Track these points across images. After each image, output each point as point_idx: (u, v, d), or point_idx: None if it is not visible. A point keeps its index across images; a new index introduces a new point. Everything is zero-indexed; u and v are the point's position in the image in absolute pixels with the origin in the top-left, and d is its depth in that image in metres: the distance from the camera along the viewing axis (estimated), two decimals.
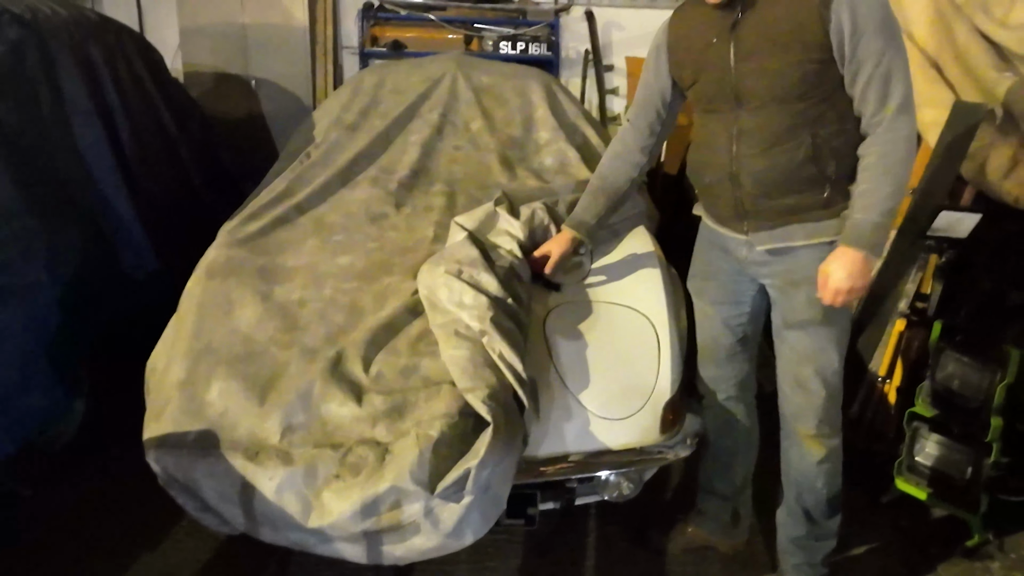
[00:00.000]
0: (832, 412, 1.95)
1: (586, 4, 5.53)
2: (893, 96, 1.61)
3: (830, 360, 1.89)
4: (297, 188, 2.65)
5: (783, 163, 1.73)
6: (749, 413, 2.20)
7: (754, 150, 1.77)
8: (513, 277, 2.04)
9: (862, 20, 1.57)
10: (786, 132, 1.72)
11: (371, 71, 3.44)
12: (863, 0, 1.58)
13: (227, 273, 2.16)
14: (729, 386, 2.14)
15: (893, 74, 1.61)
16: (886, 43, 1.59)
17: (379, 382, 1.82)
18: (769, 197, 1.79)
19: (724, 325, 2.07)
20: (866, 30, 1.58)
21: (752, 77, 1.73)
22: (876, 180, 1.64)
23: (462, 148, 2.97)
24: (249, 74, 5.20)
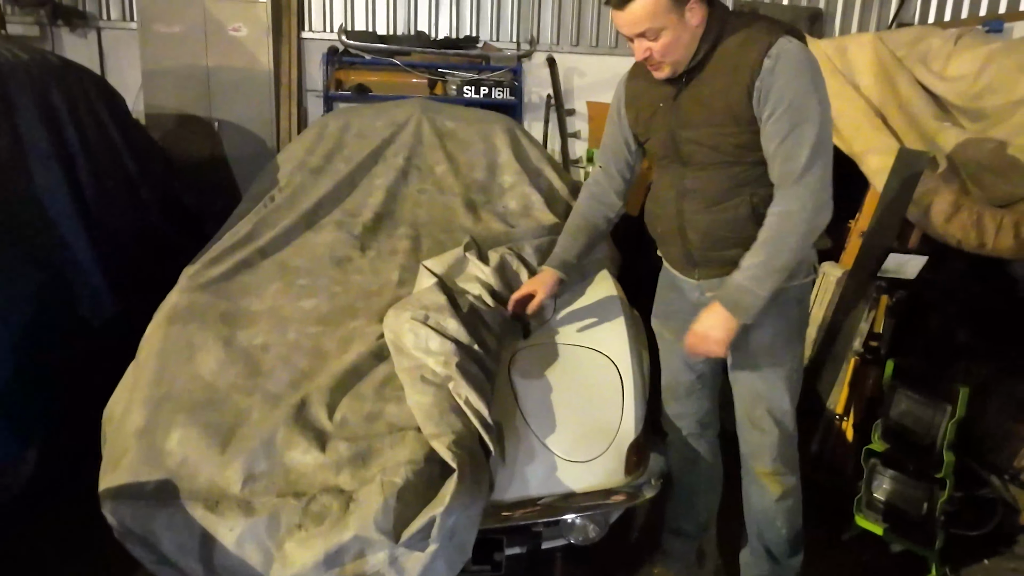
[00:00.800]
0: (786, 450, 2.00)
1: (548, 51, 5.67)
2: (791, 175, 1.68)
3: (781, 400, 1.94)
4: (261, 231, 2.65)
5: (725, 220, 1.83)
6: (712, 450, 2.23)
7: (698, 207, 1.87)
8: (480, 324, 2.06)
9: (774, 99, 1.66)
10: (726, 192, 1.81)
11: (336, 115, 3.48)
12: (781, 80, 1.65)
13: (188, 318, 2.14)
14: (691, 422, 2.18)
15: (795, 154, 1.66)
16: (793, 125, 1.65)
17: (344, 428, 1.81)
18: (714, 249, 1.88)
19: (683, 362, 2.12)
20: (776, 108, 1.66)
21: (691, 144, 1.83)
22: (756, 246, 1.74)
23: (426, 192, 3.00)
24: (212, 116, 5.20)
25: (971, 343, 2.75)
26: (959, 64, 2.62)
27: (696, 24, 1.71)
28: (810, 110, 1.66)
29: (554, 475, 1.92)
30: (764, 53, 1.66)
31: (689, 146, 1.83)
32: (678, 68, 1.77)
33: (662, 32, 1.69)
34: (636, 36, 1.72)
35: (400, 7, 5.70)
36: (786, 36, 1.68)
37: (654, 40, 1.70)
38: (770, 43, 1.66)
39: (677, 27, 1.68)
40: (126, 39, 5.39)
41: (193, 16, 5.07)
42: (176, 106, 5.17)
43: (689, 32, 1.71)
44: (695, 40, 1.73)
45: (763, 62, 1.66)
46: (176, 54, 5.11)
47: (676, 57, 1.74)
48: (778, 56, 1.65)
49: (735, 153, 1.77)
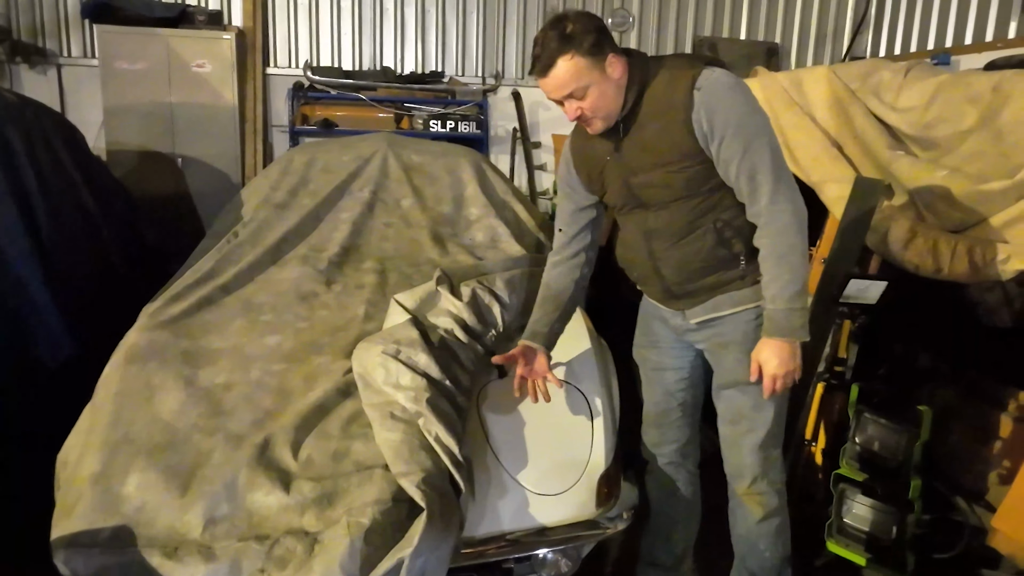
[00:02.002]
0: (768, 470, 2.01)
1: (513, 85, 5.75)
2: (762, 190, 1.74)
3: (764, 418, 1.96)
4: (224, 268, 2.61)
5: (694, 252, 1.87)
6: (690, 480, 2.24)
7: (666, 245, 1.91)
8: (452, 359, 2.04)
9: (719, 126, 1.71)
10: (689, 225, 1.86)
11: (301, 150, 3.47)
12: (718, 107, 1.71)
13: (148, 357, 2.09)
14: (670, 451, 2.19)
15: (758, 169, 1.72)
16: (745, 144, 1.71)
17: (309, 468, 1.77)
18: (691, 281, 1.92)
19: (664, 391, 2.15)
20: (724, 134, 1.72)
21: (645, 188, 1.88)
22: (772, 271, 1.77)
23: (393, 225, 2.99)
24: (176, 153, 5.16)
25: (933, 367, 2.79)
26: (910, 95, 2.71)
27: (618, 76, 1.77)
28: (755, 126, 1.73)
29: (525, 509, 1.90)
30: (692, 87, 1.72)
31: (644, 191, 1.88)
32: (610, 120, 1.82)
33: (588, 90, 1.75)
34: (564, 99, 1.78)
35: (366, 43, 5.74)
36: (707, 67, 1.75)
37: (582, 99, 1.77)
38: (694, 76, 1.72)
39: (601, 83, 1.75)
40: (87, 76, 5.34)
41: (156, 53, 5.05)
42: (139, 143, 5.11)
43: (613, 85, 1.77)
44: (620, 91, 1.79)
45: (693, 95, 1.72)
46: (138, 91, 5.07)
47: (606, 111, 1.80)
48: (705, 86, 1.71)
49: (688, 187, 1.82)
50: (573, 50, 1.71)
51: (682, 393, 2.15)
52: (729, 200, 1.83)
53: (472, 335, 2.16)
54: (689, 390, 2.15)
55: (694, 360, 2.11)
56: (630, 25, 5.87)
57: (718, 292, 1.92)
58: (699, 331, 2.01)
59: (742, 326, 1.91)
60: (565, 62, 1.72)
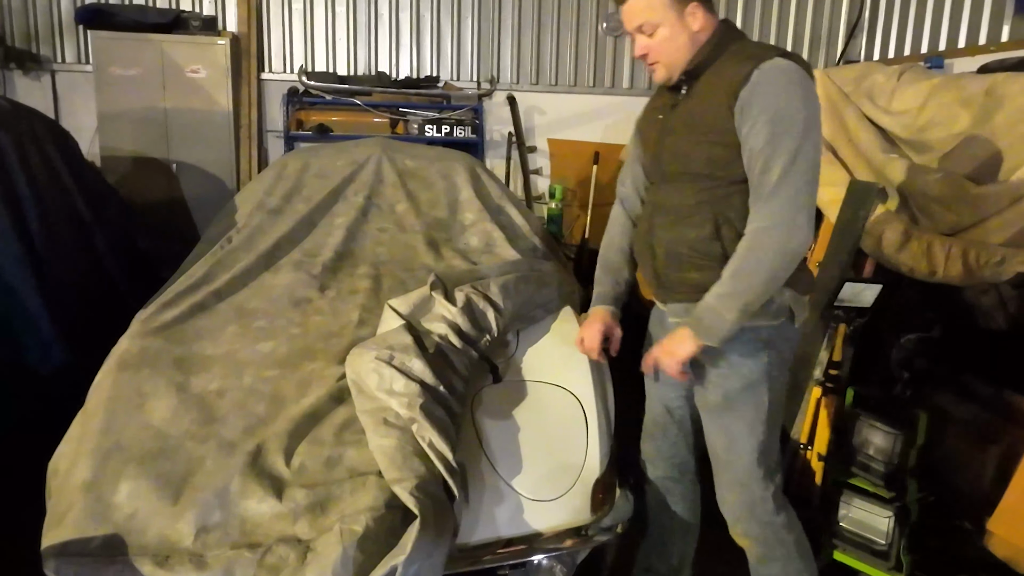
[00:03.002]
0: (754, 508, 1.88)
1: (508, 89, 5.75)
2: (766, 190, 1.63)
3: (738, 455, 1.85)
4: (217, 273, 2.59)
5: (687, 237, 1.79)
6: (686, 495, 2.16)
7: (665, 222, 1.85)
8: (446, 365, 2.02)
9: (756, 108, 1.62)
10: (692, 208, 1.78)
11: (295, 155, 3.46)
12: (766, 91, 1.62)
13: (140, 364, 2.08)
14: (667, 465, 2.13)
15: (773, 165, 1.61)
16: (773, 134, 1.61)
17: (302, 475, 1.75)
18: (677, 269, 1.84)
19: (662, 403, 2.09)
20: (758, 118, 1.62)
21: (669, 152, 1.82)
22: (726, 276, 1.70)
23: (387, 230, 2.98)
24: (170, 158, 5.15)
25: (928, 369, 2.79)
26: (903, 99, 2.72)
27: (696, 30, 1.72)
28: (794, 123, 1.61)
29: (519, 515, 1.88)
30: (755, 67, 1.64)
31: (667, 154, 1.83)
32: (671, 71, 1.77)
33: (659, 28, 1.71)
34: (635, 31, 1.75)
35: (360, 48, 5.74)
36: (781, 56, 1.66)
37: (651, 35, 1.72)
38: (763, 58, 1.65)
39: (675, 26, 1.70)
40: (81, 82, 5.33)
41: (150, 58, 5.04)
42: (133, 148, 5.10)
43: (686, 35, 1.72)
44: (693, 45, 1.73)
45: (752, 74, 1.63)
46: (133, 96, 5.06)
47: (670, 59, 1.75)
48: (765, 68, 1.63)
49: (706, 165, 1.74)
50: None
51: (680, 410, 2.07)
52: (741, 201, 1.72)
53: (466, 340, 2.15)
54: (687, 407, 2.05)
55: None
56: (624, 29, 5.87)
57: (700, 296, 1.78)
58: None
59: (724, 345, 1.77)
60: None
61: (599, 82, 5.95)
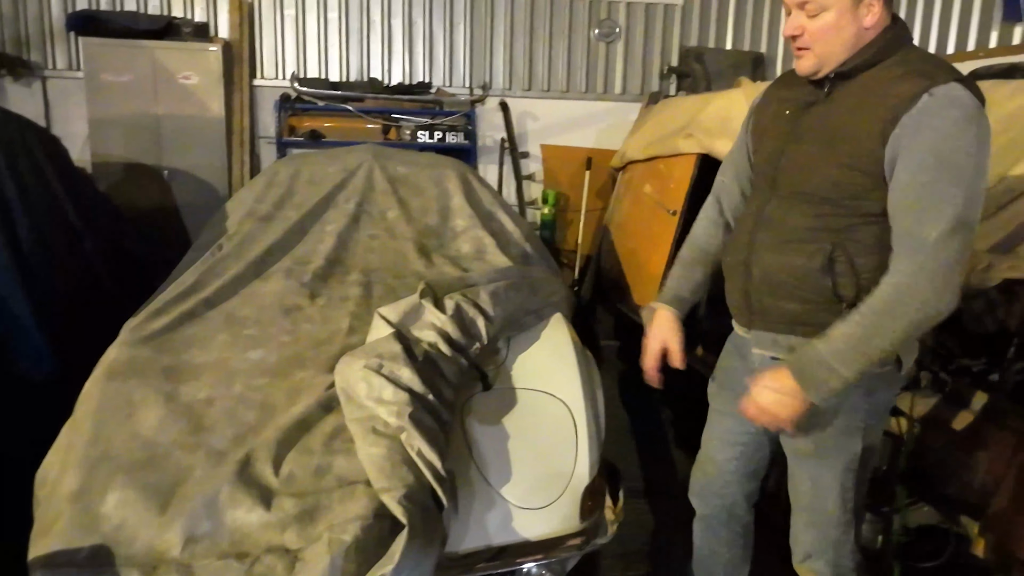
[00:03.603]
0: (827, 550, 1.74)
1: (500, 95, 5.76)
2: (922, 237, 1.39)
3: (822, 500, 1.70)
4: (207, 281, 2.59)
5: (793, 265, 1.57)
6: (733, 542, 2.00)
7: (770, 241, 1.62)
8: (436, 373, 2.02)
9: (921, 143, 1.40)
10: (804, 232, 1.56)
11: (286, 162, 3.46)
12: (936, 124, 1.39)
13: (129, 373, 2.07)
14: (717, 506, 1.96)
15: (928, 214, 1.39)
16: (935, 178, 1.38)
17: (290, 484, 1.75)
18: (774, 296, 1.63)
19: (723, 439, 1.91)
20: (921, 154, 1.40)
21: (792, 161, 1.60)
22: (852, 317, 1.46)
23: (378, 237, 2.98)
24: (162, 165, 5.14)
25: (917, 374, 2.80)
26: None
27: (867, 26, 1.49)
28: (965, 171, 1.38)
29: (508, 523, 1.89)
30: (925, 89, 1.40)
31: (788, 164, 1.61)
32: (824, 64, 1.54)
33: (824, 11, 1.49)
34: (796, 6, 1.52)
35: (353, 54, 5.75)
36: (957, 82, 1.40)
37: (812, 16, 1.50)
38: (935, 82, 1.40)
39: (844, 15, 1.48)
40: (73, 88, 5.32)
41: (142, 65, 5.04)
42: (124, 155, 5.09)
43: (854, 28, 1.49)
44: (857, 41, 1.50)
45: (921, 97, 1.39)
46: (124, 103, 5.05)
47: (826, 48, 1.51)
48: (940, 96, 1.39)
49: (833, 189, 1.52)
50: None
51: (741, 447, 1.86)
52: (867, 235, 1.51)
53: (456, 348, 2.15)
54: (752, 446, 1.86)
55: None
56: (617, 36, 5.90)
57: (799, 330, 1.58)
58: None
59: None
60: None
61: (591, 88, 5.97)
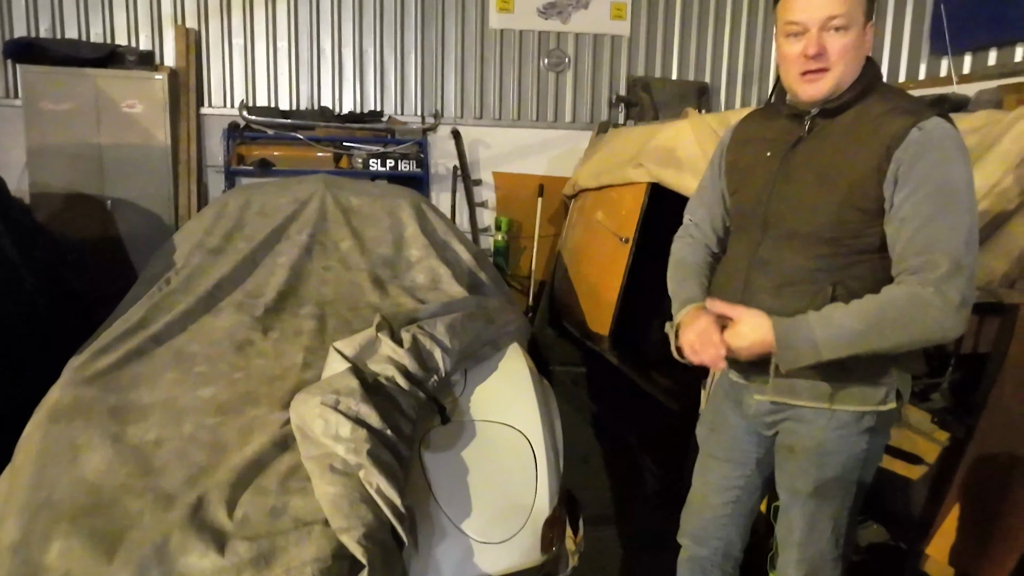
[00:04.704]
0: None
1: (452, 123, 5.80)
2: (932, 270, 1.39)
3: (815, 540, 1.68)
4: (154, 317, 2.53)
5: (795, 307, 1.51)
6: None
7: (768, 284, 1.59)
8: (394, 407, 2.01)
9: (917, 176, 1.41)
10: (804, 274, 1.54)
11: (236, 193, 3.41)
12: (929, 157, 1.41)
13: (72, 415, 2.00)
14: (709, 547, 1.90)
15: (936, 247, 1.39)
16: (935, 211, 1.40)
17: (245, 526, 1.70)
18: None
19: (718, 483, 1.85)
20: (918, 187, 1.41)
21: (786, 203, 1.57)
22: (862, 303, 1.44)
23: (332, 268, 2.96)
24: (105, 195, 5.00)
25: None
26: None
27: (867, 48, 1.50)
28: (964, 199, 1.41)
29: (469, 559, 1.87)
30: (914, 124, 1.43)
31: (782, 205, 1.58)
32: (838, 87, 1.51)
33: (848, 30, 1.46)
34: (824, 20, 1.46)
35: (303, 83, 5.72)
36: (940, 117, 1.45)
37: (840, 30, 1.46)
38: (920, 117, 1.43)
39: (858, 36, 1.48)
40: (11, 116, 5.15)
41: (83, 93, 4.91)
42: (65, 185, 4.94)
43: (863, 51, 1.50)
44: (856, 67, 1.50)
45: (910, 132, 1.42)
46: (65, 131, 4.91)
47: (846, 69, 1.49)
48: (929, 130, 1.42)
49: (830, 227, 1.50)
50: None
51: (738, 491, 1.82)
52: (866, 272, 1.51)
53: (414, 382, 2.14)
54: (747, 489, 1.82)
55: (763, 458, 1.79)
56: (566, 65, 6.01)
57: (802, 373, 1.54)
58: (769, 421, 1.70)
59: (820, 431, 1.57)
60: None
61: (542, 116, 6.05)
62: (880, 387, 1.55)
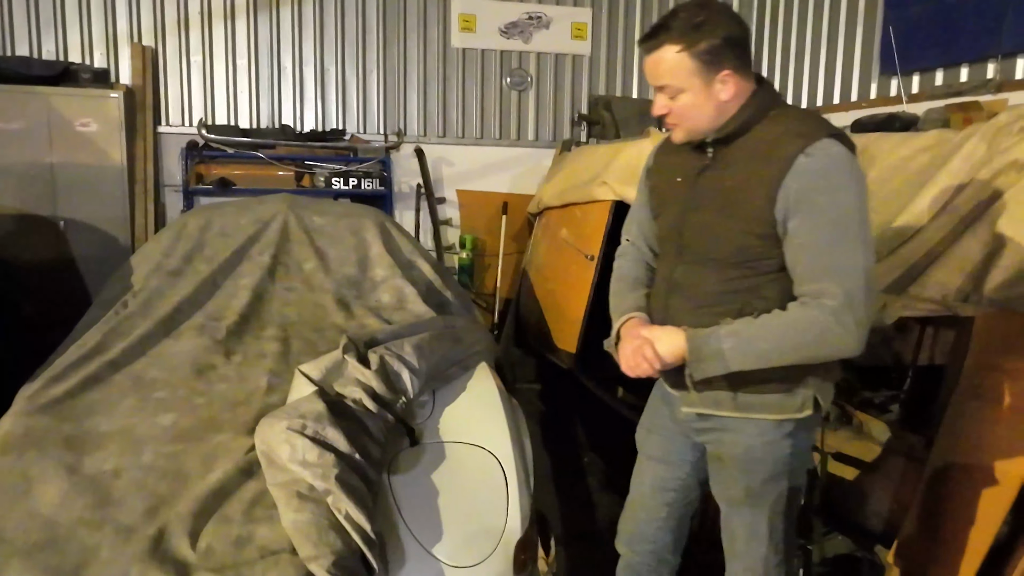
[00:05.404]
0: None
1: (415, 142, 5.79)
2: (831, 296, 1.45)
3: (757, 547, 1.74)
4: (111, 342, 2.46)
5: (711, 327, 1.59)
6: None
7: (684, 306, 1.68)
8: (362, 430, 1.97)
9: (807, 205, 1.47)
10: (716, 296, 1.62)
11: (196, 213, 3.35)
12: (817, 185, 1.46)
13: (25, 446, 1.93)
14: (645, 552, 1.95)
15: (831, 274, 1.46)
16: (830, 240, 1.46)
17: (209, 558, 1.66)
18: None
19: (653, 484, 1.92)
20: (809, 217, 1.47)
21: (694, 230, 1.66)
22: (769, 319, 1.53)
23: (295, 290, 2.91)
24: (58, 215, 4.86)
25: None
26: None
27: (726, 99, 1.55)
28: (855, 222, 1.46)
29: None
30: (802, 149, 1.47)
31: (692, 232, 1.65)
32: (693, 136, 1.62)
33: (681, 94, 1.56)
34: (656, 88, 1.59)
35: (263, 101, 5.66)
36: (831, 138, 1.49)
37: (672, 99, 1.58)
38: (809, 140, 1.47)
39: (699, 94, 1.55)
40: None
41: (35, 112, 4.78)
42: (15, 205, 4.78)
43: (713, 104, 1.55)
44: (721, 114, 1.57)
45: (797, 158, 1.46)
46: (15, 151, 4.77)
47: (693, 124, 1.59)
48: (816, 156, 1.46)
49: (736, 253, 1.58)
50: (683, 45, 1.50)
51: (673, 493, 1.89)
52: (773, 292, 1.57)
53: (382, 404, 2.11)
54: (682, 491, 1.89)
55: (697, 461, 1.86)
56: (528, 84, 6.05)
57: (722, 386, 1.63)
58: (700, 430, 1.76)
59: (745, 439, 1.64)
60: (670, 53, 1.52)
61: (505, 135, 6.08)
62: (796, 396, 1.62)
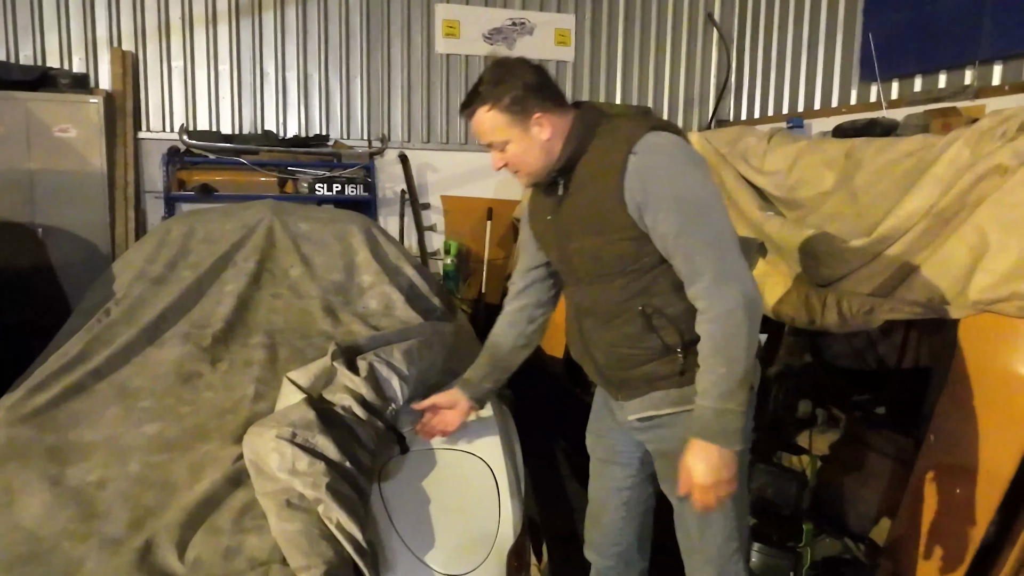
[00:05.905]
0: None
1: (399, 147, 5.77)
2: (702, 272, 1.54)
3: (711, 537, 1.78)
4: (94, 350, 2.41)
5: (622, 336, 1.71)
6: None
7: (594, 325, 1.77)
8: (352, 438, 1.95)
9: (654, 196, 1.56)
10: (617, 307, 1.70)
11: (179, 219, 3.31)
12: (654, 175, 1.56)
13: (6, 457, 1.89)
14: (612, 555, 2.02)
15: (697, 249, 1.54)
16: (684, 220, 1.54)
17: (197, 569, 1.62)
18: (623, 368, 1.77)
19: (608, 487, 1.99)
20: (660, 206, 1.56)
21: (577, 257, 1.75)
22: (706, 362, 1.57)
23: (281, 296, 2.88)
24: (36, 222, 4.79)
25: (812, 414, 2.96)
26: (774, 159, 2.93)
27: (546, 137, 1.66)
28: (698, 200, 1.56)
29: None
30: (629, 150, 1.57)
31: (576, 260, 1.75)
32: (537, 178, 1.74)
33: (507, 145, 1.68)
34: (487, 147, 1.73)
35: (246, 107, 5.62)
36: (653, 131, 1.60)
37: (502, 151, 1.70)
38: (635, 139, 1.58)
39: (521, 140, 1.67)
40: None
41: (13, 117, 4.71)
42: None
43: (536, 145, 1.67)
44: (549, 152, 1.68)
45: (628, 159, 1.57)
46: None
47: (529, 168, 1.71)
48: (643, 151, 1.57)
49: (616, 264, 1.67)
50: (491, 103, 1.64)
51: (628, 492, 1.96)
52: (663, 285, 1.66)
53: (372, 411, 2.08)
54: (637, 489, 1.96)
55: (645, 457, 1.93)
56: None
57: (656, 387, 1.72)
58: (641, 430, 1.83)
59: (683, 432, 1.65)
60: (483, 113, 1.65)
61: None
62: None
